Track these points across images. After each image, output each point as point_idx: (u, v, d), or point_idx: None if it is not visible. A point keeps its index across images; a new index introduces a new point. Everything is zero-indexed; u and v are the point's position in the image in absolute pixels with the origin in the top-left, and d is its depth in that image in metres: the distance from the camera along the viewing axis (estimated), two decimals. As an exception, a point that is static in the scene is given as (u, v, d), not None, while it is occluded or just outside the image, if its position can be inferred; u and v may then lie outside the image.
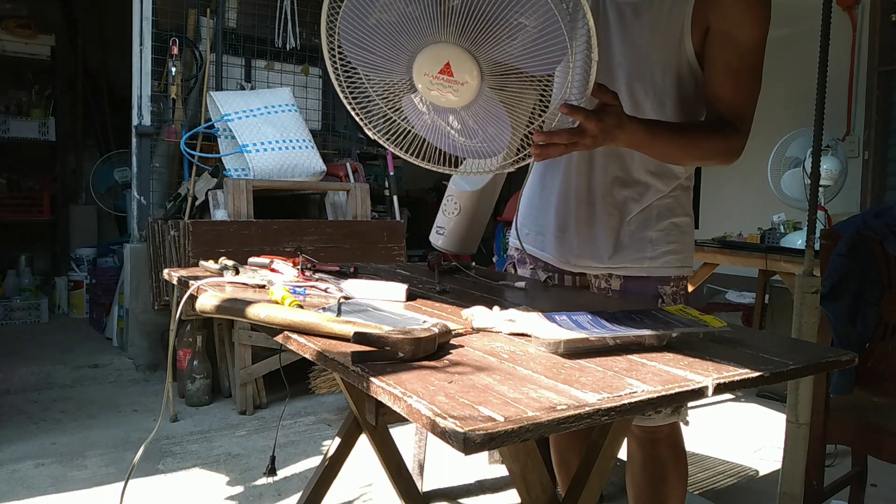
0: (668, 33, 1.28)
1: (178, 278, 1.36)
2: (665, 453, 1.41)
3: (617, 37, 1.32)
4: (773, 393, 3.28)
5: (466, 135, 1.16)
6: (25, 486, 2.20)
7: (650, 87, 1.31)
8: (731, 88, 1.26)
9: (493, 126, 1.13)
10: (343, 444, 1.61)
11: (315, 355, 0.88)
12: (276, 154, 3.24)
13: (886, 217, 1.69)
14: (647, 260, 1.37)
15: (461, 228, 1.25)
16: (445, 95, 1.09)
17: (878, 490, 2.30)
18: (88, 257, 4.48)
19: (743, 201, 3.80)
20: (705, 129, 1.29)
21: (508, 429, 0.62)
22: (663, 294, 1.38)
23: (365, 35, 1.10)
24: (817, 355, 0.99)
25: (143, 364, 3.47)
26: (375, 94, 1.18)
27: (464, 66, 1.07)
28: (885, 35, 3.72)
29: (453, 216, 1.24)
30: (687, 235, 1.41)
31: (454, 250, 1.25)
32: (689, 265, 1.42)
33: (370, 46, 1.11)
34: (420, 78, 1.09)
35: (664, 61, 1.29)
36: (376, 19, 1.08)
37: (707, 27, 1.25)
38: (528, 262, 1.54)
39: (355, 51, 1.12)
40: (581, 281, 1.47)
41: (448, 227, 1.25)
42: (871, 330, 1.69)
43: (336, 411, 2.99)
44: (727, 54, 1.24)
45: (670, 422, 1.39)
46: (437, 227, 1.29)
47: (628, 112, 1.21)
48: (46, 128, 4.76)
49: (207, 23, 3.58)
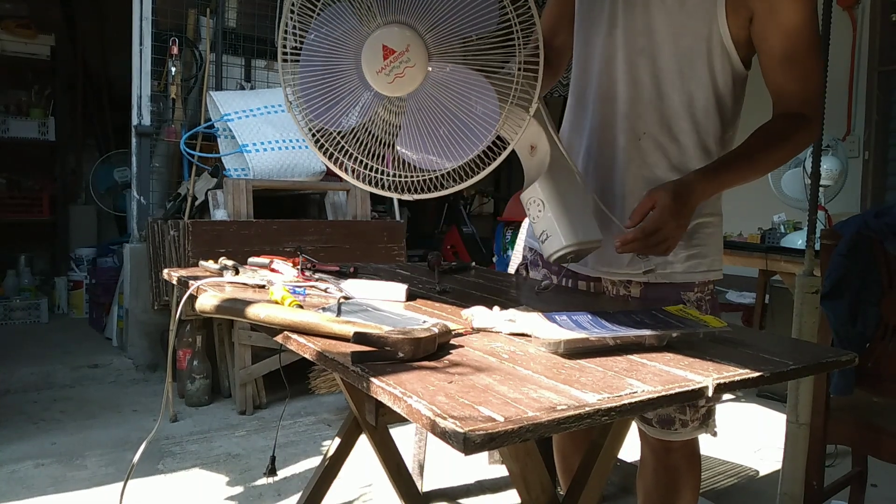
0: (698, 17, 1.19)
1: (177, 278, 1.36)
2: (679, 462, 1.35)
3: (639, 23, 1.24)
4: (774, 393, 3.28)
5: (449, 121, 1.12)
6: (25, 486, 2.20)
7: (677, 78, 1.23)
8: (791, 77, 1.18)
9: (473, 95, 1.10)
10: (343, 444, 1.61)
11: (315, 355, 0.88)
12: (275, 154, 3.23)
13: (886, 217, 1.69)
14: (668, 265, 1.28)
15: (561, 217, 1.14)
16: (405, 73, 1.07)
17: (879, 490, 2.30)
18: (88, 257, 4.48)
19: (743, 201, 3.80)
20: (773, 138, 1.19)
21: (508, 429, 0.62)
22: (687, 301, 1.28)
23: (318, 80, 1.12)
24: (817, 355, 0.99)
25: (143, 364, 3.47)
26: (353, 150, 1.17)
27: (396, 37, 1.07)
28: (886, 35, 3.72)
29: (542, 214, 1.14)
30: (714, 237, 1.31)
31: (573, 242, 1.13)
32: (716, 268, 1.31)
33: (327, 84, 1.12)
34: (375, 80, 1.09)
35: (693, 50, 1.21)
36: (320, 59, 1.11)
37: (750, 15, 1.17)
38: (541, 264, 1.47)
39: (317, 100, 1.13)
40: (596, 286, 1.39)
41: (550, 227, 1.14)
42: (872, 330, 1.69)
43: (336, 411, 2.99)
44: (780, 39, 1.16)
45: (698, 435, 1.32)
46: (539, 238, 1.17)
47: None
48: (46, 128, 4.76)
49: (207, 22, 3.58)
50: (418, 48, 1.07)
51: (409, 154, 1.14)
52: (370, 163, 1.17)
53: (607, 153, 1.31)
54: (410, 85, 1.09)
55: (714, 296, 1.33)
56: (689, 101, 1.24)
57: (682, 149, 1.26)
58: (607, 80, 1.30)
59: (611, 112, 1.30)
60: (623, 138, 1.29)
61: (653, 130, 1.26)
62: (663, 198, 1.07)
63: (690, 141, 1.25)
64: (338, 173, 1.18)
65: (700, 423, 1.30)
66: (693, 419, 1.29)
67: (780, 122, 1.21)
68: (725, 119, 1.27)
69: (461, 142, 1.10)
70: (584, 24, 1.35)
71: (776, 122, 1.22)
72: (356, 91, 1.13)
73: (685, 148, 1.26)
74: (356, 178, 1.18)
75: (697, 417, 1.30)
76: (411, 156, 1.14)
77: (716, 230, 1.32)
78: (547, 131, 1.17)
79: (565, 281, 1.43)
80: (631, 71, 1.26)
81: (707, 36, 1.20)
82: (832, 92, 2.42)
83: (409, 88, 1.09)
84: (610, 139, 1.31)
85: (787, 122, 1.21)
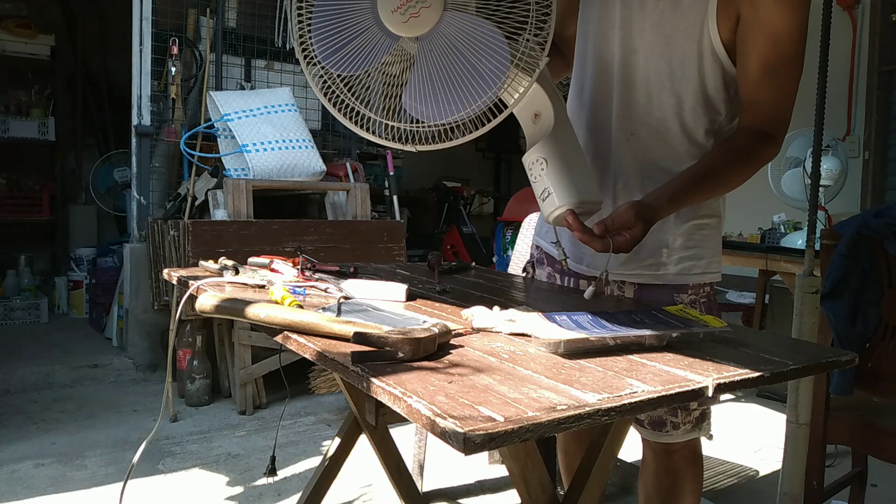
0: (690, 20, 1.19)
1: (177, 278, 1.36)
2: (680, 464, 1.34)
3: (636, 23, 1.24)
4: (774, 393, 3.28)
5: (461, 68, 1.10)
6: (25, 486, 2.20)
7: (668, 80, 1.22)
8: (766, 87, 1.16)
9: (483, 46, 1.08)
10: (343, 444, 1.60)
11: (315, 355, 0.88)
12: (275, 154, 3.24)
13: (886, 217, 1.69)
14: (662, 267, 1.27)
15: (563, 174, 1.12)
16: (420, 13, 1.07)
17: (879, 490, 2.30)
18: (88, 257, 4.48)
19: (743, 201, 3.80)
20: (731, 159, 1.19)
21: (508, 429, 0.61)
22: (680, 303, 1.26)
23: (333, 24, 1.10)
24: (817, 355, 0.98)
25: (143, 364, 3.47)
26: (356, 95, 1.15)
27: None
28: (886, 35, 3.72)
29: (545, 172, 1.12)
30: (711, 238, 1.29)
31: (575, 199, 1.11)
32: (713, 270, 1.30)
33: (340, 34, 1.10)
34: (390, 20, 1.08)
35: (685, 52, 1.20)
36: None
37: (737, 17, 1.16)
38: (546, 263, 1.48)
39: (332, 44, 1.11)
40: (598, 286, 1.39)
41: (551, 183, 1.12)
42: (872, 330, 1.69)
43: (336, 411, 2.99)
44: (760, 46, 1.14)
45: (689, 438, 1.31)
46: (541, 196, 1.14)
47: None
48: (46, 128, 4.76)
49: (207, 22, 3.58)
50: None
51: (414, 105, 1.12)
52: (372, 115, 1.16)
53: (603, 152, 1.32)
54: (425, 25, 1.08)
55: (711, 298, 1.32)
56: (677, 104, 1.23)
57: (672, 149, 1.26)
58: (602, 79, 1.31)
59: (605, 112, 1.31)
60: (616, 137, 1.29)
61: (642, 131, 1.27)
62: (639, 231, 1.08)
63: (679, 142, 1.25)
64: (343, 122, 1.17)
65: (693, 425, 1.29)
66: (685, 421, 1.29)
67: (745, 139, 1.20)
68: (716, 119, 1.25)
69: (473, 88, 1.09)
70: (585, 23, 1.36)
71: (740, 137, 1.21)
72: (369, 32, 1.11)
73: (674, 148, 1.26)
74: (360, 126, 1.17)
75: (689, 420, 1.29)
76: (417, 107, 1.12)
77: (713, 232, 1.30)
78: (552, 97, 1.17)
79: (567, 280, 1.43)
80: (624, 72, 1.27)
81: (698, 38, 1.19)
82: (832, 92, 2.43)
83: (424, 28, 1.08)
84: (606, 139, 1.31)
85: (751, 141, 1.19)
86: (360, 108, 1.16)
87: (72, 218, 4.98)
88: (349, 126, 1.17)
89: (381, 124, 1.16)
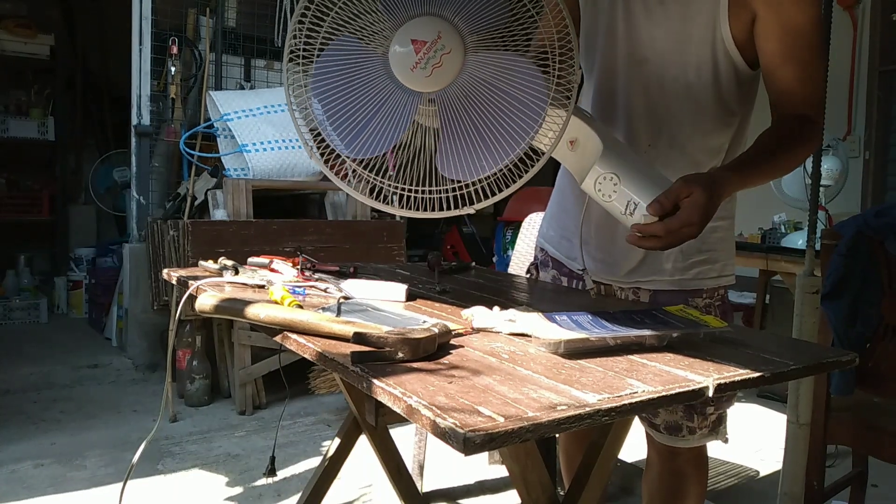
0: (701, 26, 1.17)
1: (177, 278, 1.36)
2: (685, 466, 1.33)
3: (644, 31, 1.21)
4: (774, 393, 3.28)
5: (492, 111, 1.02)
6: (25, 486, 2.20)
7: (682, 86, 1.20)
8: (795, 79, 1.16)
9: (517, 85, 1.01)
10: (343, 444, 1.60)
11: (315, 355, 0.88)
12: (275, 154, 3.23)
13: (887, 217, 1.69)
14: (677, 272, 1.25)
15: (641, 181, 1.06)
16: (442, 62, 0.99)
17: (879, 490, 2.29)
18: (87, 257, 4.48)
19: (743, 201, 3.79)
20: (789, 140, 1.16)
21: (508, 429, 0.61)
22: (695, 307, 1.20)
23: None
24: (818, 355, 0.98)
25: (143, 364, 3.46)
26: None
27: (423, 27, 1.00)
28: (886, 35, 3.72)
29: (620, 186, 1.06)
30: (725, 241, 1.28)
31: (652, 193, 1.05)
32: (728, 273, 1.29)
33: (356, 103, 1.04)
34: (411, 79, 1.01)
35: (700, 58, 1.18)
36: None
37: (752, 16, 1.15)
38: (551, 265, 1.45)
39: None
40: (606, 290, 1.35)
41: (634, 194, 1.05)
42: (872, 330, 1.69)
43: (336, 411, 2.99)
44: (783, 41, 1.14)
45: (707, 442, 1.30)
46: (625, 211, 1.06)
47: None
48: (46, 127, 4.76)
49: (207, 22, 3.58)
50: (450, 33, 1.00)
51: (451, 165, 1.05)
52: (398, 186, 1.08)
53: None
54: (450, 73, 1.01)
55: (725, 301, 1.30)
56: (694, 109, 1.21)
57: (689, 156, 1.23)
58: (607, 91, 1.28)
59: (615, 124, 1.27)
60: (634, 148, 1.25)
61: (660, 142, 1.23)
62: (699, 195, 0.99)
63: (698, 147, 1.23)
64: (398, 212, 1.09)
65: (709, 430, 1.28)
66: (701, 426, 1.28)
67: (790, 123, 1.18)
68: (731, 122, 1.24)
69: (511, 128, 1.02)
70: (586, 35, 1.33)
71: (785, 123, 1.19)
72: (391, 100, 1.03)
73: (691, 155, 1.23)
74: (383, 201, 1.09)
75: (706, 425, 1.28)
76: (455, 165, 1.04)
77: (727, 234, 1.29)
78: (583, 118, 1.12)
79: (575, 283, 1.41)
80: (629, 84, 1.24)
81: (711, 43, 1.18)
82: (833, 92, 2.42)
83: (450, 77, 1.01)
84: None
85: (800, 126, 1.17)
86: (397, 189, 1.08)
87: (71, 218, 4.98)
88: (402, 213, 1.09)
89: (426, 199, 1.08)
